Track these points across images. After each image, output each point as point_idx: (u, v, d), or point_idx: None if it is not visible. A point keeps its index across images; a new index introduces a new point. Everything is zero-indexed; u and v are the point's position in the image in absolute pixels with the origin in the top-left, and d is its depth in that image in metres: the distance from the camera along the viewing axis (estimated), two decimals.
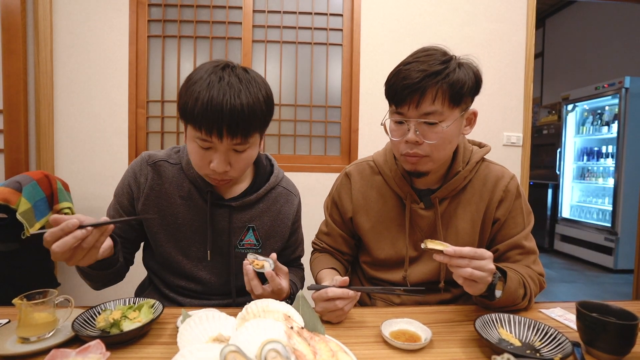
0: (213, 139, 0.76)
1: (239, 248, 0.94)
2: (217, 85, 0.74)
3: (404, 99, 0.81)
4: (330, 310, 0.76)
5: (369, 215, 1.00)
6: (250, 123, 0.76)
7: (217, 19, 2.30)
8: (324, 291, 0.77)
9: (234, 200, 0.92)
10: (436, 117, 0.81)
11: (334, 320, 0.77)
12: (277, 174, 1.00)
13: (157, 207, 0.90)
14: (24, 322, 0.64)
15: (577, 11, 4.99)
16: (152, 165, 0.91)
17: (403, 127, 0.84)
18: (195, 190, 0.91)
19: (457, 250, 0.70)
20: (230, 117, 0.73)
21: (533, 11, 2.34)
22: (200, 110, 0.73)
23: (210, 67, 0.78)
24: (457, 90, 0.80)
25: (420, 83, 0.79)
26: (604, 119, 4.10)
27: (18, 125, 2.05)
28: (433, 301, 0.97)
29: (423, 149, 0.84)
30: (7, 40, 2.02)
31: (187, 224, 0.91)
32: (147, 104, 2.27)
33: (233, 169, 0.82)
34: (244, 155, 0.81)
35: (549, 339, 0.66)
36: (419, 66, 0.80)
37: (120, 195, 0.92)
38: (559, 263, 4.13)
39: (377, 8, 2.29)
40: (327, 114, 2.39)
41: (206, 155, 0.79)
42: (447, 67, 0.80)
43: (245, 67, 0.82)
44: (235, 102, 0.73)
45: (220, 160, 0.78)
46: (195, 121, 0.75)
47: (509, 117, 2.37)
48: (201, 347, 0.52)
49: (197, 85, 0.75)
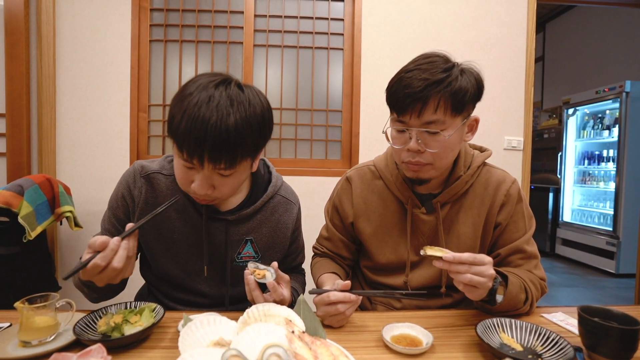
0: (195, 163, 0.71)
1: (237, 261, 0.91)
2: (205, 106, 0.67)
3: (406, 107, 0.80)
4: (331, 314, 0.76)
5: (370, 220, 0.99)
6: (236, 149, 0.70)
7: (219, 23, 2.31)
8: (325, 295, 0.77)
9: (230, 214, 0.89)
10: (438, 126, 0.81)
11: (335, 324, 0.77)
12: (275, 182, 0.95)
13: (153, 222, 0.83)
14: (25, 326, 0.64)
15: (577, 16, 5.01)
16: (145, 177, 0.87)
17: (405, 135, 0.84)
18: (189, 203, 0.87)
19: (456, 256, 0.70)
20: (213, 143, 0.67)
21: (533, 16, 2.35)
22: (183, 131, 0.67)
23: (205, 82, 0.71)
24: (459, 99, 0.80)
25: (423, 92, 0.78)
26: (605, 123, 4.10)
27: (20, 128, 2.06)
28: (434, 306, 0.97)
29: (425, 157, 0.84)
30: (10, 44, 2.04)
31: (183, 238, 0.88)
32: (148, 108, 2.28)
33: (217, 191, 0.76)
34: (229, 180, 0.75)
35: (551, 343, 0.66)
36: (421, 74, 0.79)
37: (115, 208, 0.88)
38: (560, 267, 4.11)
39: (377, 13, 2.30)
40: (328, 117, 2.40)
41: (189, 174, 0.75)
42: (450, 75, 0.79)
43: (245, 84, 0.75)
44: (221, 126, 0.67)
45: (202, 183, 0.73)
46: (177, 141, 0.70)
47: (510, 121, 2.37)
48: (202, 351, 0.52)
49: (186, 102, 0.69)
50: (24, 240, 1.56)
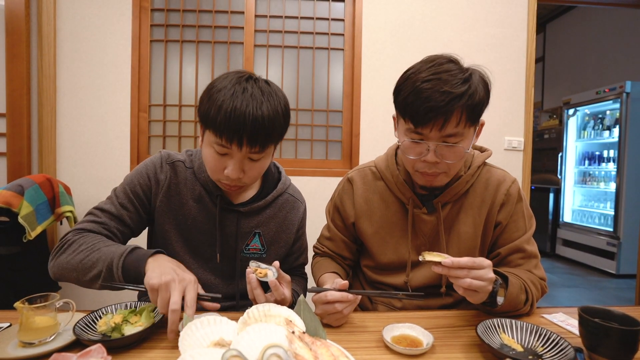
0: (232, 147, 0.78)
1: (244, 253, 0.96)
2: (241, 96, 0.77)
3: (427, 121, 0.78)
4: (329, 313, 0.76)
5: (371, 220, 1.00)
6: (270, 134, 0.79)
7: (219, 23, 2.31)
8: (323, 294, 0.77)
9: (243, 206, 0.94)
10: (457, 138, 0.81)
11: (333, 323, 0.77)
12: (284, 181, 1.02)
13: (172, 206, 0.92)
14: (25, 326, 0.64)
15: (577, 16, 5.01)
16: (170, 164, 0.93)
17: (421, 146, 0.83)
18: (205, 193, 0.93)
19: (454, 261, 0.70)
20: (252, 127, 0.76)
21: (534, 16, 2.35)
22: (223, 119, 0.75)
23: (235, 78, 0.80)
24: (477, 111, 0.80)
25: (447, 107, 0.76)
26: (605, 124, 4.10)
27: (21, 128, 2.06)
28: (435, 306, 0.97)
29: (440, 167, 0.84)
30: (10, 44, 2.04)
31: (197, 225, 0.93)
32: (149, 108, 2.28)
33: (246, 176, 0.84)
34: (257, 164, 0.84)
35: (551, 344, 0.66)
36: (442, 86, 0.76)
37: (135, 184, 0.90)
38: (560, 268, 4.11)
39: (378, 13, 2.30)
40: (328, 118, 2.40)
41: (222, 161, 0.82)
42: (470, 87, 0.78)
43: (267, 80, 0.84)
44: (257, 113, 0.76)
45: (235, 167, 0.81)
46: (217, 128, 0.77)
47: (510, 122, 2.37)
48: (202, 351, 0.52)
49: (221, 94, 0.77)
50: (24, 240, 1.56)
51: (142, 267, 0.74)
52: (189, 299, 0.67)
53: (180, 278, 0.69)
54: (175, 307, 0.65)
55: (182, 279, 0.70)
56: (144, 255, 0.76)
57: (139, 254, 0.77)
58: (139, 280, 0.74)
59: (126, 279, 0.76)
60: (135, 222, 0.92)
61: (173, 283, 0.68)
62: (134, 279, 0.75)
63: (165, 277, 0.68)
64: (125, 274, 0.75)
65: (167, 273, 0.69)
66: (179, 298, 0.66)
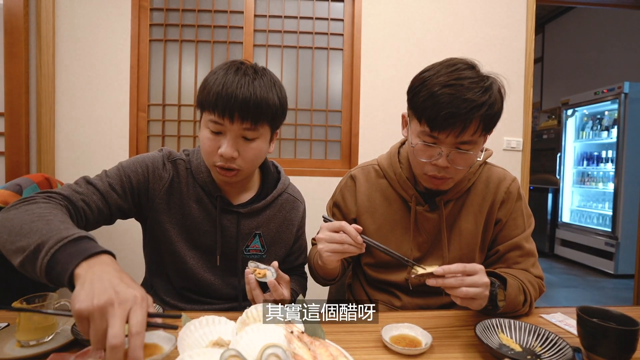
0: (225, 121, 0.80)
1: (245, 254, 0.96)
2: (234, 73, 0.81)
3: (446, 127, 0.78)
4: (332, 239, 0.76)
5: (374, 217, 1.00)
6: (261, 110, 0.81)
7: (219, 23, 2.31)
8: (338, 222, 0.77)
9: (243, 207, 0.94)
10: (470, 145, 0.81)
11: (325, 252, 0.77)
12: (284, 180, 1.02)
13: (173, 204, 0.91)
14: (23, 326, 0.64)
15: (576, 17, 5.02)
16: (172, 162, 0.93)
17: (433, 149, 0.83)
18: (204, 194, 0.92)
19: (445, 268, 0.70)
20: (243, 100, 0.78)
21: (533, 17, 2.36)
22: (215, 93, 0.79)
23: (229, 63, 0.85)
24: (494, 122, 0.81)
25: (467, 114, 0.76)
26: (604, 124, 4.11)
27: (19, 128, 2.05)
28: (435, 305, 0.98)
29: (449, 172, 0.85)
30: (9, 43, 2.03)
31: (196, 225, 0.92)
32: (148, 108, 2.28)
33: (241, 158, 0.84)
34: (252, 145, 0.84)
35: (550, 344, 0.66)
36: (464, 93, 0.76)
37: (132, 171, 0.86)
38: (559, 268, 4.12)
39: (377, 13, 2.30)
40: (327, 118, 2.40)
41: (216, 141, 0.82)
42: (490, 97, 0.78)
43: (265, 67, 0.88)
44: (249, 88, 0.79)
45: (229, 144, 0.81)
46: (209, 104, 0.80)
47: (509, 122, 2.37)
48: (201, 351, 0.52)
49: (215, 75, 0.82)
50: None
51: (70, 268, 0.52)
52: (134, 323, 0.47)
53: (120, 299, 0.48)
54: (115, 341, 0.44)
55: (124, 300, 0.48)
56: (82, 254, 0.54)
57: (81, 249, 0.55)
58: (60, 286, 0.54)
59: (48, 275, 0.55)
60: (117, 207, 0.84)
61: (110, 308, 0.47)
62: (55, 281, 0.55)
63: (98, 300, 0.47)
64: (50, 270, 0.55)
65: (103, 292, 0.48)
66: (121, 328, 0.45)
